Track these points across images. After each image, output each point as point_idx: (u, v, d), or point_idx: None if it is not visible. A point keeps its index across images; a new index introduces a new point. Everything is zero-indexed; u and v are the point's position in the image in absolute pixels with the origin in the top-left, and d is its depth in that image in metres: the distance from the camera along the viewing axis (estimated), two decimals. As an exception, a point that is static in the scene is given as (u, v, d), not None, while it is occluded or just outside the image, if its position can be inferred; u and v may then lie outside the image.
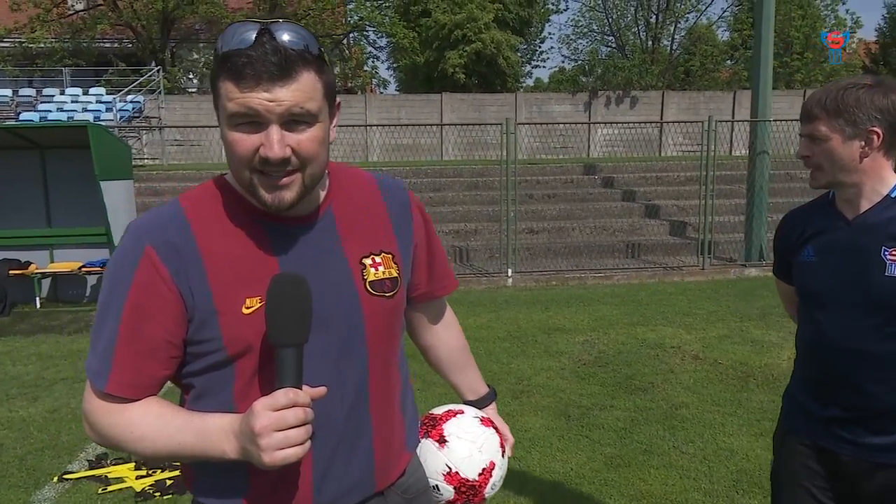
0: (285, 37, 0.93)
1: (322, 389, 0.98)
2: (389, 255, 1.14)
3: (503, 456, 1.30)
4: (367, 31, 25.47)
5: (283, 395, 0.92)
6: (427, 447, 1.27)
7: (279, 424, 0.91)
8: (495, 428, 1.33)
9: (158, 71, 17.31)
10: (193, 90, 25.40)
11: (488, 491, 1.27)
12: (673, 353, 5.32)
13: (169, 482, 3.24)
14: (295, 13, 24.21)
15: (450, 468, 1.23)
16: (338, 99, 1.06)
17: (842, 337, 1.59)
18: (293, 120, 0.95)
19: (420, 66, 24.68)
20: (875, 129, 1.50)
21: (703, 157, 9.15)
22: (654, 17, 29.07)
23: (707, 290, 7.85)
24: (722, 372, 4.83)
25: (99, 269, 7.47)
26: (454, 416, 1.31)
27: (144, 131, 15.66)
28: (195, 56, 26.15)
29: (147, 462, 1.07)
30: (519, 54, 27.54)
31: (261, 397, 0.94)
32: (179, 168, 13.37)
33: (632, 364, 5.03)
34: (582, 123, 17.33)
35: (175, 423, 1.00)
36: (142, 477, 3.30)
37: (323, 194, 1.10)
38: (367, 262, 1.10)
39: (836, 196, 1.64)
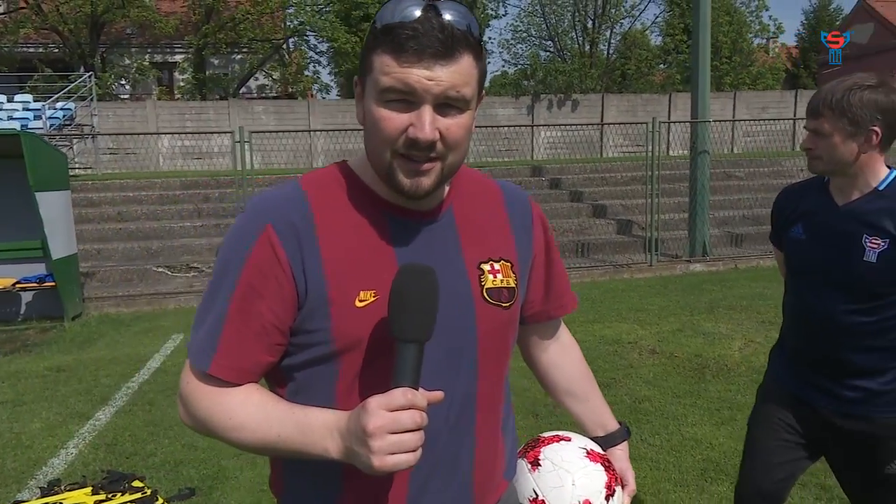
0: (450, 15, 0.88)
1: (439, 394, 0.91)
2: (508, 264, 1.07)
3: (608, 499, 1.11)
4: (307, 35, 25.12)
5: (400, 395, 0.85)
6: (520, 467, 1.16)
7: (394, 426, 0.84)
8: (606, 466, 1.15)
9: (90, 77, 16.58)
10: (126, 96, 24.50)
11: None
12: (630, 348, 5.44)
13: (131, 505, 3.09)
14: (233, 17, 23.68)
15: (536, 494, 1.11)
16: (483, 92, 1.00)
17: (821, 309, 1.79)
18: (446, 103, 0.90)
19: (362, 70, 24.47)
20: (875, 128, 1.62)
21: (647, 158, 9.41)
22: (591, 22, 29.83)
23: (656, 286, 8.07)
24: (679, 365, 4.96)
25: (34, 284, 7.08)
26: (558, 441, 1.18)
27: (76, 139, 14.98)
28: (127, 61, 25.22)
29: (245, 450, 0.83)
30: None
31: (372, 395, 0.87)
32: (115, 177, 12.84)
33: (592, 361, 5.06)
34: (525, 126, 17.58)
35: (276, 413, 0.94)
36: (101, 502, 3.13)
37: (446, 192, 1.04)
38: (486, 267, 1.04)
39: (830, 182, 1.79)
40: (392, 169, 0.93)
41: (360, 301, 0.94)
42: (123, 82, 24.63)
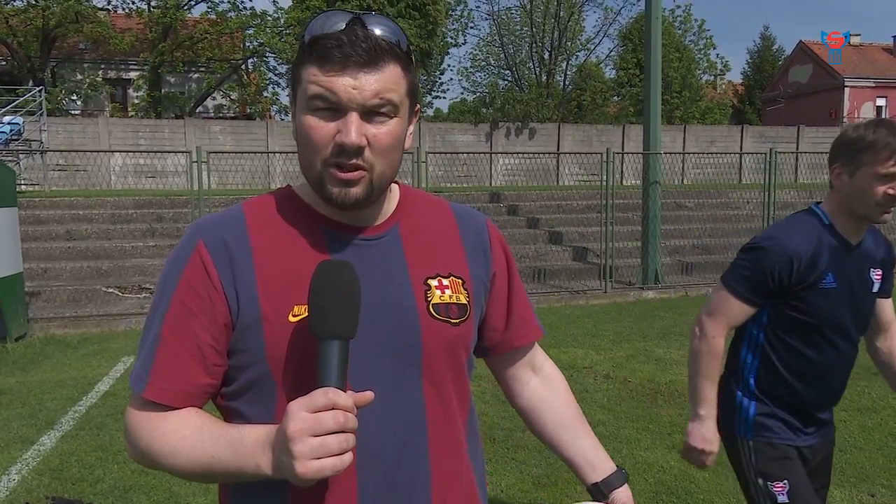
0: (377, 29, 0.90)
1: (368, 395, 0.85)
2: (459, 280, 1.03)
3: None
4: (267, 56, 25.04)
5: (321, 395, 0.80)
6: None
7: (315, 429, 0.79)
8: None
9: (40, 91, 16.14)
10: (77, 112, 23.90)
11: None
12: (586, 373, 5.54)
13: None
14: (191, 35, 23.45)
15: None
16: (418, 105, 1.01)
17: (849, 352, 1.80)
18: (373, 111, 0.90)
19: (322, 93, 24.47)
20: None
21: (603, 187, 9.68)
22: (547, 53, 30.65)
23: (611, 313, 8.25)
24: (632, 390, 5.08)
25: (-24, 304, 6.79)
26: None
27: (24, 155, 14.51)
28: (79, 76, 24.67)
29: (189, 479, 0.80)
30: (420, 85, 28.03)
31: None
32: (65, 195, 12.47)
33: (548, 385, 5.18)
34: (484, 153, 17.84)
35: (210, 434, 0.90)
36: (45, 530, 3.02)
37: (391, 210, 1.03)
38: (433, 283, 1.00)
39: (843, 224, 1.77)
40: (322, 179, 0.93)
41: (294, 316, 0.92)
42: (75, 98, 24.05)
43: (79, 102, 24.43)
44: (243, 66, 25.87)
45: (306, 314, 0.89)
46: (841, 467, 3.63)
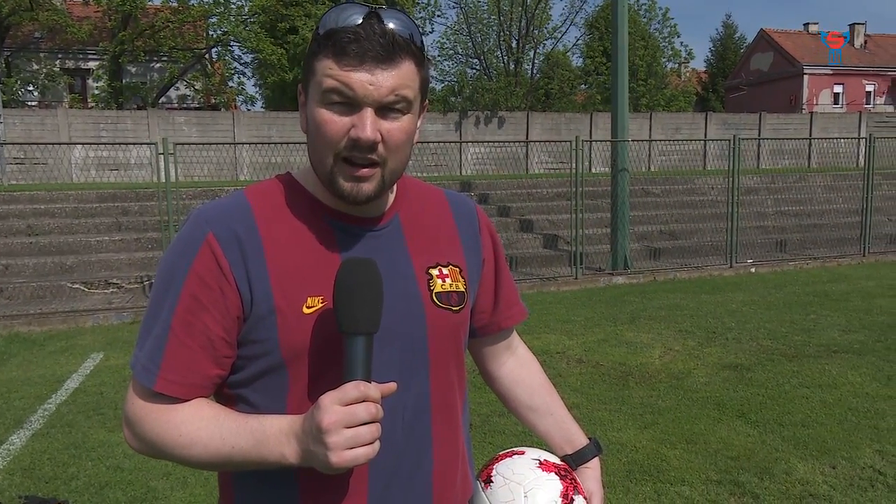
0: (392, 23, 0.90)
1: (392, 385, 0.89)
2: (457, 269, 1.07)
3: None
4: (231, 45, 24.61)
5: (353, 388, 0.84)
6: (475, 488, 1.11)
7: (349, 420, 0.83)
8: (562, 475, 1.09)
9: (-6, 82, 15.62)
10: (34, 103, 23.20)
11: None
12: (559, 358, 5.64)
13: (54, 530, 2.96)
14: (152, 24, 22.91)
15: None
16: (426, 101, 1.01)
17: None
18: (387, 107, 0.91)
19: (289, 83, 24.24)
20: None
21: (572, 175, 9.78)
22: (515, 42, 30.71)
23: (582, 298, 8.37)
24: (604, 373, 5.19)
25: (-65, 302, 6.60)
26: (511, 455, 1.13)
27: (-21, 148, 14.07)
28: (35, 66, 23.94)
29: (199, 468, 0.83)
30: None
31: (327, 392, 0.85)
32: (24, 189, 12.13)
33: (522, 371, 5.26)
34: (453, 142, 17.86)
35: (229, 425, 0.91)
36: (20, 528, 2.98)
37: (391, 200, 1.05)
38: (434, 272, 1.04)
39: None
40: (334, 174, 0.93)
41: (308, 308, 0.93)
42: (31, 88, 23.35)
43: (36, 93, 23.73)
44: (207, 56, 25.38)
45: (321, 305, 0.93)
46: (804, 441, 3.78)
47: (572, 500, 1.06)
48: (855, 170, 15.48)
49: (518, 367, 1.26)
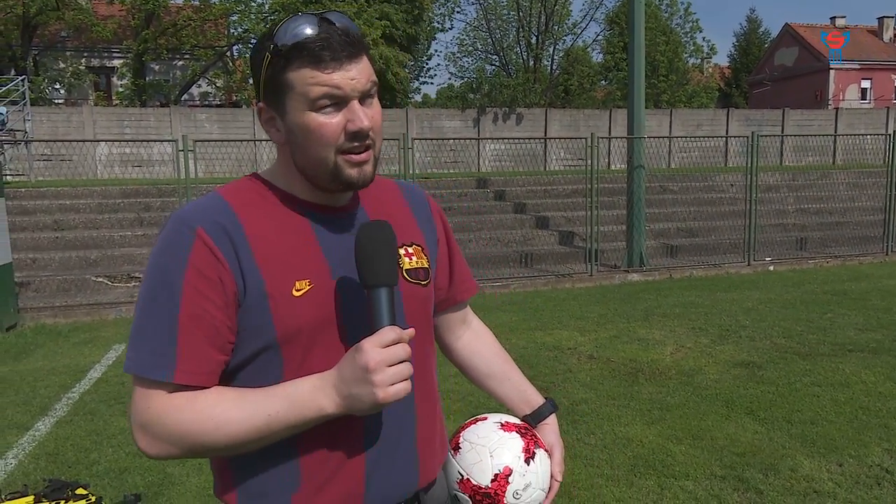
0: (342, 22, 0.98)
1: (412, 331, 0.99)
2: (419, 247, 1.16)
3: (528, 462, 1.16)
4: (252, 43, 24.82)
5: (390, 331, 0.95)
6: (447, 456, 1.21)
7: (390, 359, 0.93)
8: (522, 433, 1.20)
9: (23, 80, 15.98)
10: (61, 101, 23.66)
11: (510, 499, 1.14)
12: (570, 354, 5.67)
13: (75, 513, 3.08)
14: (174, 22, 23.22)
15: (461, 475, 1.16)
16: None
17: None
18: (366, 94, 1.00)
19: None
20: None
21: (587, 171, 9.78)
22: (535, 38, 30.61)
23: (596, 295, 8.38)
24: (614, 369, 5.22)
25: (-35, 294, 6.83)
26: (475, 422, 1.22)
27: (8, 145, 14.41)
28: (62, 65, 24.39)
29: (229, 452, 0.81)
30: (407, 70, 27.97)
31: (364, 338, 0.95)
32: (51, 185, 12.42)
33: (533, 366, 5.31)
34: (472, 139, 17.89)
35: (257, 397, 0.97)
36: (44, 510, 3.11)
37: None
38: (402, 251, 1.12)
39: None
40: (337, 167, 1.00)
41: (297, 290, 0.99)
42: (58, 86, 23.81)
43: (62, 91, 24.19)
44: (228, 53, 25.66)
45: (308, 287, 1.00)
46: (812, 439, 3.79)
47: (533, 453, 1.17)
48: (880, 167, 15.24)
49: (474, 338, 1.35)
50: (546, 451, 1.21)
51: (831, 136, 20.39)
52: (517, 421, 1.24)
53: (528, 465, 1.15)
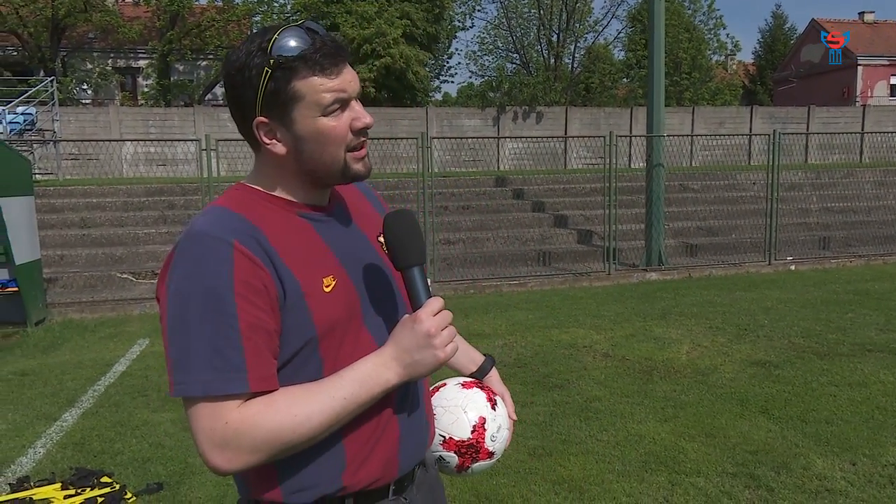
0: (323, 31, 1.06)
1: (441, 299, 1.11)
2: None
3: (494, 408, 1.34)
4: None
5: (436, 301, 1.07)
6: None
7: (443, 323, 1.06)
8: (480, 387, 1.38)
9: (51, 81, 16.35)
10: (88, 101, 24.13)
11: (489, 443, 1.31)
12: (585, 352, 5.69)
13: (101, 500, 3.19)
14: (198, 23, 23.56)
15: (444, 437, 1.30)
16: None
17: None
18: (358, 95, 1.09)
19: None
20: None
21: (605, 170, 9.76)
22: (555, 36, 30.49)
23: (613, 294, 8.38)
24: (629, 367, 5.23)
25: (-3, 290, 7.04)
26: (438, 390, 1.37)
27: (38, 145, 14.76)
28: (89, 66, 24.87)
29: (310, 444, 1.07)
30: (427, 69, 28.05)
31: (406, 317, 1.08)
32: (78, 183, 12.71)
33: (548, 364, 5.35)
34: (491, 138, 17.90)
35: (324, 387, 1.03)
36: (70, 496, 3.23)
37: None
38: (381, 240, 1.21)
39: None
40: (346, 164, 1.09)
41: (326, 287, 1.06)
42: (85, 87, 24.28)
43: (89, 91, 24.67)
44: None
45: (334, 283, 1.08)
46: (825, 438, 3.78)
47: (495, 401, 1.36)
48: (906, 165, 14.95)
49: None
50: (500, 396, 1.40)
51: (857, 134, 20.02)
52: (469, 379, 1.41)
53: (495, 410, 1.34)
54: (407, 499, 1.18)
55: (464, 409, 1.31)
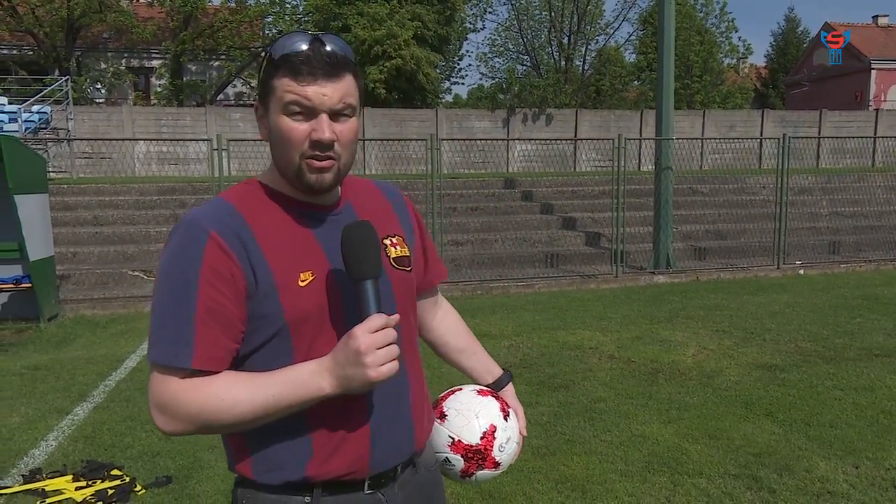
0: (333, 45, 1.11)
1: (396, 316, 1.11)
2: (401, 237, 1.31)
3: (506, 419, 1.35)
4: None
5: (377, 318, 1.07)
6: (434, 427, 1.36)
7: (379, 343, 1.05)
8: (495, 396, 1.40)
9: (66, 80, 16.54)
10: (102, 101, 24.37)
11: (497, 453, 1.32)
12: (591, 353, 5.72)
13: (111, 492, 3.26)
14: (211, 24, 23.74)
15: (452, 438, 1.31)
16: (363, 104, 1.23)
17: None
18: (338, 113, 1.12)
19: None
20: None
21: (614, 173, 9.77)
22: (566, 38, 30.45)
23: (621, 296, 8.39)
24: (634, 369, 5.25)
25: (11, 285, 7.15)
26: (453, 393, 1.39)
27: (52, 143, 14.94)
28: (103, 65, 25.12)
29: (236, 429, 1.12)
30: (438, 71, 28.09)
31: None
32: (92, 181, 12.85)
33: (554, 365, 5.38)
34: (501, 140, 17.92)
35: (262, 380, 1.09)
36: (81, 488, 3.29)
37: (341, 191, 1.26)
38: (387, 241, 1.25)
39: None
40: (300, 170, 1.12)
41: (302, 281, 1.12)
42: (99, 86, 24.52)
43: (103, 91, 24.90)
44: (262, 54, 26.12)
45: (311, 278, 1.13)
46: (829, 441, 3.79)
47: (508, 413, 1.37)
48: (919, 170, 14.84)
49: (444, 317, 1.52)
50: (514, 410, 1.42)
51: (870, 139, 19.89)
52: (486, 388, 1.43)
53: (507, 421, 1.36)
54: (385, 496, 1.20)
55: (476, 415, 1.33)
